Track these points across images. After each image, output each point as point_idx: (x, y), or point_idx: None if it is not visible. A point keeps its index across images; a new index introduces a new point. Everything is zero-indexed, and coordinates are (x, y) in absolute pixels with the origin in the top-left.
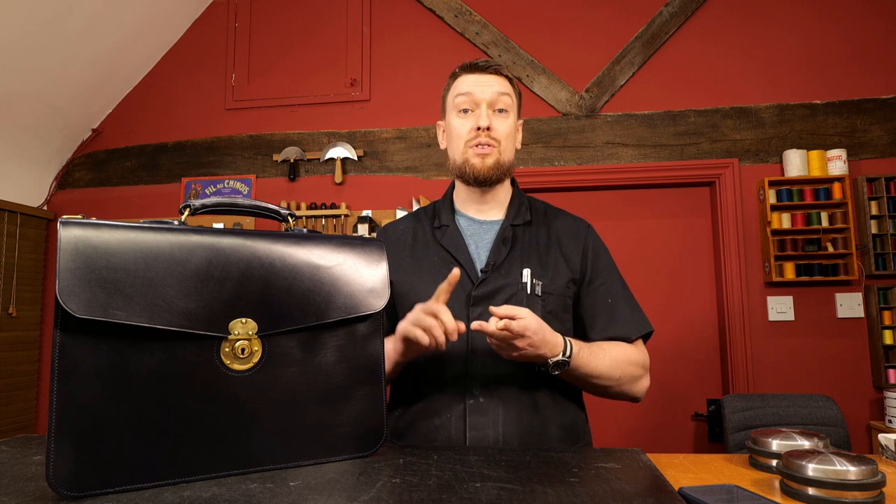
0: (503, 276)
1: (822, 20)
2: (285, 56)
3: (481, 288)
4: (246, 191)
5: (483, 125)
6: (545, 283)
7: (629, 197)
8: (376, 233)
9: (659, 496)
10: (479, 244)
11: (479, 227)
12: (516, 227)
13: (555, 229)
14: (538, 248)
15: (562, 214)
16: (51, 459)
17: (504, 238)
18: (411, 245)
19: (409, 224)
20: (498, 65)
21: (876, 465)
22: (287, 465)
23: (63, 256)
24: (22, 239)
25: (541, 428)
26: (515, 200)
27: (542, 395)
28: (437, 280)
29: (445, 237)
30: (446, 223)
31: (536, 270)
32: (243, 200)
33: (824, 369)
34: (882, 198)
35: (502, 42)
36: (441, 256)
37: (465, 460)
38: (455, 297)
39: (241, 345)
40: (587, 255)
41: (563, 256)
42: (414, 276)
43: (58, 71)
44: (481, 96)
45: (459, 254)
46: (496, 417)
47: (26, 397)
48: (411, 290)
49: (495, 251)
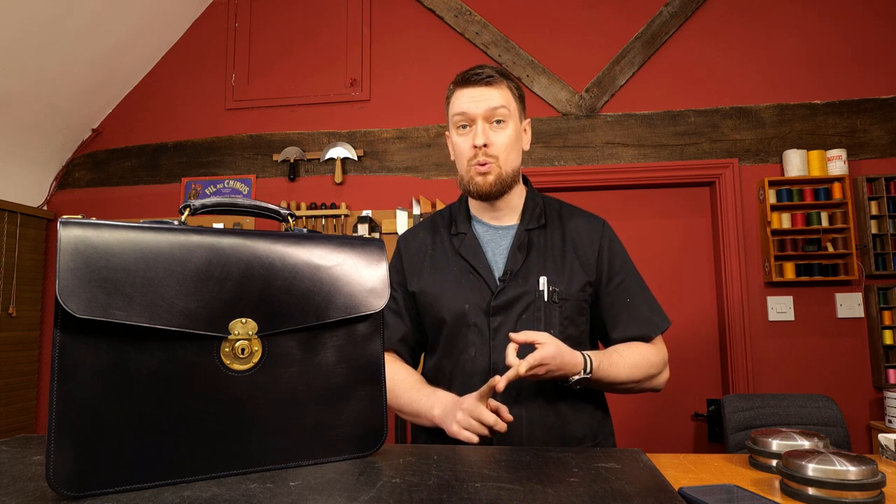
0: (521, 285)
1: (822, 20)
2: (285, 56)
3: (500, 297)
4: (246, 191)
5: (479, 143)
6: (561, 290)
7: (629, 197)
8: (398, 241)
9: (659, 496)
10: (496, 251)
11: (494, 234)
12: (531, 232)
13: (569, 231)
14: (554, 253)
15: (576, 214)
16: (51, 459)
17: (520, 245)
18: (431, 255)
19: (427, 233)
20: (490, 75)
21: (876, 465)
22: (287, 465)
23: (63, 256)
24: (22, 239)
25: (563, 430)
26: (530, 203)
27: (562, 396)
28: (458, 290)
29: (463, 246)
30: (463, 231)
31: (552, 276)
32: (243, 200)
33: (824, 369)
34: (882, 198)
35: (502, 42)
36: (460, 266)
37: (465, 460)
38: (476, 307)
39: (241, 345)
40: (603, 255)
41: (579, 259)
42: (436, 287)
43: (58, 71)
44: (476, 112)
45: (478, 263)
46: (520, 423)
47: (26, 397)
48: (435, 301)
49: (512, 259)
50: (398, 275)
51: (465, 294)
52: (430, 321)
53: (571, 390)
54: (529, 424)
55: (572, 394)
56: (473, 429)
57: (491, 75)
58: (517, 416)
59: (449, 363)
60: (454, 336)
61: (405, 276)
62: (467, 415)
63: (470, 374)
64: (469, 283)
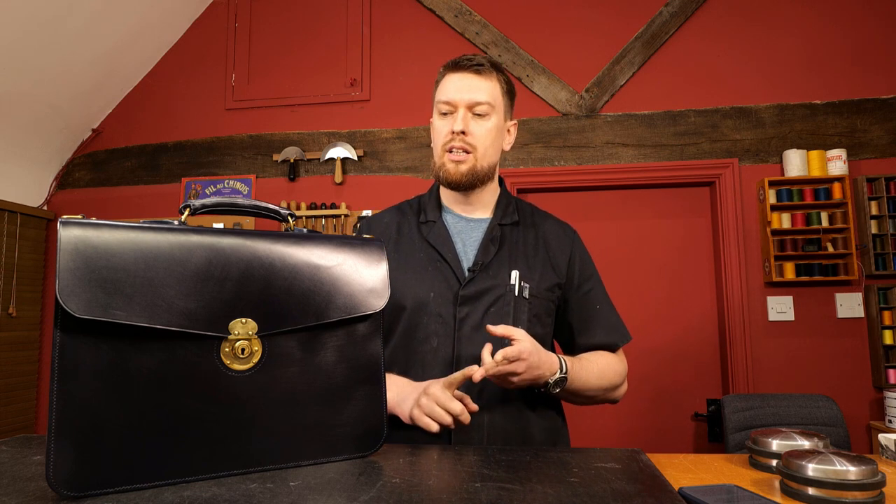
0: (491, 277)
1: (822, 20)
2: (285, 56)
3: (469, 287)
4: (246, 191)
5: (457, 129)
6: (532, 286)
7: (629, 197)
8: (359, 224)
9: (659, 496)
10: (467, 242)
11: (466, 225)
12: (504, 227)
13: (542, 232)
14: (526, 250)
15: (549, 218)
16: (51, 459)
17: (493, 237)
18: (395, 239)
19: (393, 217)
20: (480, 63)
21: (876, 465)
22: (287, 465)
23: (63, 256)
24: (22, 239)
25: (523, 432)
26: (503, 200)
27: (524, 400)
28: (423, 277)
29: (432, 233)
30: (433, 219)
31: (524, 272)
32: (243, 200)
33: (824, 369)
34: (882, 198)
35: (502, 42)
36: (427, 253)
37: (465, 460)
38: (442, 297)
39: (241, 345)
40: (574, 260)
41: (551, 261)
42: (399, 273)
43: (58, 71)
44: (459, 99)
45: (446, 251)
46: (481, 422)
47: (26, 397)
48: (396, 287)
49: (483, 250)
50: None
51: (430, 282)
52: (388, 307)
53: (535, 395)
54: (490, 427)
55: (536, 398)
56: (435, 416)
57: (481, 63)
58: (478, 418)
59: (404, 353)
60: (413, 325)
61: None
62: (432, 401)
63: (430, 365)
64: (435, 272)
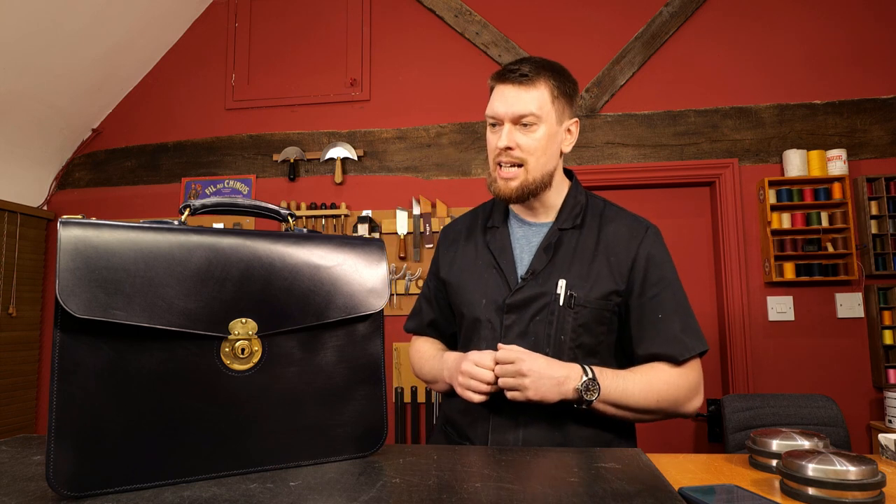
0: (540, 285)
1: (822, 20)
2: (285, 56)
3: (516, 296)
4: (246, 191)
5: (502, 146)
6: (580, 296)
7: (629, 197)
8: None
9: (659, 496)
10: (525, 249)
11: (528, 230)
12: (564, 232)
13: (606, 235)
14: (582, 256)
15: (620, 217)
16: (51, 459)
17: (547, 245)
18: (463, 246)
19: (465, 222)
20: (525, 74)
21: (876, 465)
22: (287, 465)
23: (63, 256)
24: (22, 239)
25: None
26: (570, 201)
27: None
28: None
29: (494, 239)
30: (496, 225)
31: (575, 280)
32: (243, 200)
33: (824, 369)
34: (882, 198)
35: (502, 42)
36: (486, 260)
37: (465, 460)
38: (493, 303)
39: (241, 345)
40: (638, 264)
41: (609, 266)
42: (460, 279)
43: (58, 71)
44: (504, 113)
45: (502, 258)
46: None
47: (26, 397)
48: (456, 293)
49: (537, 258)
50: (434, 264)
51: (484, 289)
52: (455, 312)
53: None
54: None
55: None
56: (472, 388)
57: (525, 74)
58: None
59: None
60: (470, 329)
61: (439, 265)
62: (467, 376)
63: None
64: (490, 278)
